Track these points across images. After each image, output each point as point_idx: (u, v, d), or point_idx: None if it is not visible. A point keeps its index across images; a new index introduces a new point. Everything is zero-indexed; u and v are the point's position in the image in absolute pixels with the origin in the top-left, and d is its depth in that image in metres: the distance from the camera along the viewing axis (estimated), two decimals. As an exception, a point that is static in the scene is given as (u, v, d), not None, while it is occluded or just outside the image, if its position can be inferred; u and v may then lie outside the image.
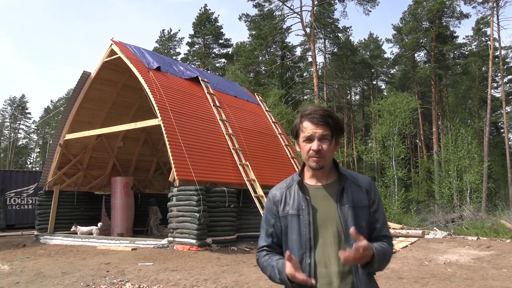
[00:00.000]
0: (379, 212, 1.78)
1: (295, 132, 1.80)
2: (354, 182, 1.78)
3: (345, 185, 1.75)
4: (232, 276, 6.91)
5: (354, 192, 1.75)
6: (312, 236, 1.69)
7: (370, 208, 1.76)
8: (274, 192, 1.87)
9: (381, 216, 1.79)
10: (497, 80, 40.65)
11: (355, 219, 1.69)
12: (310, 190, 1.77)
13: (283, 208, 1.78)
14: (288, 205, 1.77)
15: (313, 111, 1.74)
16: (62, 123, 13.98)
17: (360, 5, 36.36)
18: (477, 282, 6.55)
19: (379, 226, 1.77)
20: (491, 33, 30.36)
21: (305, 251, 1.69)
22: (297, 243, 1.71)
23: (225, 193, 10.78)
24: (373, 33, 60.89)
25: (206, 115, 12.57)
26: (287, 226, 1.75)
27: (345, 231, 1.67)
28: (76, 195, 14.24)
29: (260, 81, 40.44)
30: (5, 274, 7.37)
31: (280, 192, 1.84)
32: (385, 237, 1.77)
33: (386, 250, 1.71)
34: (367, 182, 1.80)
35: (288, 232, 1.74)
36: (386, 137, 27.07)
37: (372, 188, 1.79)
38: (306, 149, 1.74)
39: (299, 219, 1.72)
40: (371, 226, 1.76)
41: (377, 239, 1.75)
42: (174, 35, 48.19)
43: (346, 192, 1.74)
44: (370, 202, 1.76)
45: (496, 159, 35.70)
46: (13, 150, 60.86)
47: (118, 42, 12.94)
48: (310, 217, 1.70)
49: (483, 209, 23.01)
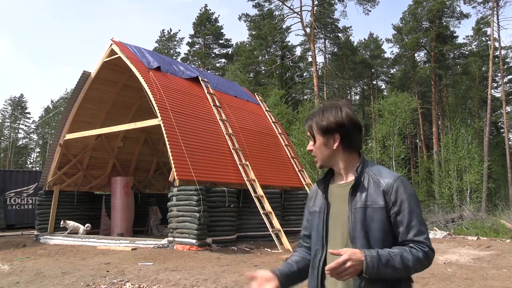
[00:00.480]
0: (402, 214, 1.59)
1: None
2: (375, 180, 1.66)
3: (359, 184, 1.67)
4: (232, 276, 6.91)
5: (371, 191, 1.64)
6: (324, 234, 1.72)
7: (390, 211, 1.61)
8: (312, 189, 1.93)
9: (405, 219, 1.59)
10: (497, 80, 40.66)
11: (364, 221, 1.60)
12: (332, 188, 1.79)
13: (312, 204, 1.85)
14: (316, 202, 1.83)
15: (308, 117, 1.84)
16: (62, 123, 13.98)
17: (360, 5, 36.40)
18: (477, 282, 6.55)
19: (403, 230, 1.60)
20: (491, 33, 30.41)
21: (319, 247, 1.73)
22: (315, 238, 1.77)
23: (225, 193, 10.77)
24: (373, 33, 60.91)
25: (206, 115, 12.57)
26: (313, 221, 1.82)
27: (352, 233, 1.62)
28: (76, 195, 14.24)
29: (260, 81, 40.45)
30: (5, 274, 7.37)
31: (315, 188, 1.89)
32: (413, 242, 1.58)
33: (393, 256, 1.53)
34: (388, 181, 1.64)
35: (312, 227, 1.82)
36: (386, 137, 27.08)
37: (392, 187, 1.62)
38: None
39: (319, 216, 1.77)
40: (395, 230, 1.62)
41: (404, 245, 1.60)
42: (174, 35, 48.25)
43: (360, 192, 1.65)
44: (387, 203, 1.61)
45: (496, 159, 35.72)
46: (13, 150, 60.88)
47: (118, 42, 12.94)
48: (324, 216, 1.73)
49: (483, 209, 23.01)
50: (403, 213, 1.60)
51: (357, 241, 1.60)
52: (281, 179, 13.41)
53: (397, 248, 1.57)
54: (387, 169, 1.78)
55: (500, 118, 42.09)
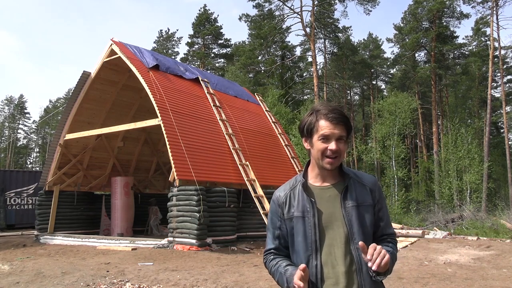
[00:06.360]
0: (383, 210, 1.79)
1: (309, 129, 1.74)
2: (358, 181, 1.77)
3: (349, 185, 1.74)
4: (232, 276, 6.91)
5: (358, 191, 1.74)
6: (317, 238, 1.69)
7: (375, 207, 1.76)
8: (278, 194, 1.84)
9: (385, 215, 1.80)
10: (497, 80, 40.65)
11: (359, 219, 1.69)
12: (314, 191, 1.75)
13: (288, 210, 1.77)
14: (293, 207, 1.75)
15: (331, 110, 1.71)
16: (62, 123, 13.97)
17: (361, 5, 36.34)
18: (477, 282, 6.55)
19: (383, 224, 1.79)
20: (490, 33, 30.38)
21: (311, 253, 1.69)
22: (303, 245, 1.70)
23: (225, 193, 10.77)
24: (372, 33, 60.96)
25: (206, 115, 12.57)
26: (293, 228, 1.74)
27: (350, 231, 1.68)
28: (76, 195, 14.23)
29: (260, 81, 40.44)
30: (5, 274, 7.36)
31: (284, 193, 1.81)
32: (389, 235, 1.80)
33: (394, 252, 1.76)
34: (371, 181, 1.80)
35: (294, 234, 1.74)
36: (386, 137, 27.08)
37: (376, 187, 1.79)
38: (321, 148, 1.69)
39: (304, 221, 1.71)
40: (376, 225, 1.77)
41: (381, 237, 1.78)
42: (172, 35, 48.24)
43: (350, 192, 1.73)
44: (374, 201, 1.76)
45: (496, 159, 35.72)
46: (13, 150, 60.85)
47: (118, 42, 12.93)
48: (315, 219, 1.69)
49: (483, 209, 23.01)
50: (383, 210, 1.80)
51: (356, 237, 1.66)
52: (281, 179, 13.40)
53: (385, 246, 1.71)
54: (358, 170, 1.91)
55: (500, 118, 42.06)
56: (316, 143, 1.71)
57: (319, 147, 1.70)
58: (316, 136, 1.71)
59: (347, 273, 1.65)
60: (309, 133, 1.74)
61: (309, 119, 1.75)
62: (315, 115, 1.73)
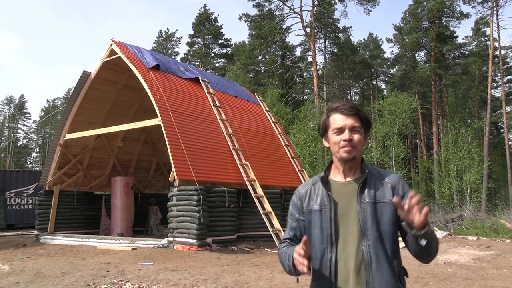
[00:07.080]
0: None
1: (323, 128, 1.80)
2: (378, 178, 1.76)
3: (367, 181, 1.74)
4: (232, 276, 6.91)
5: (378, 188, 1.73)
6: (333, 231, 1.71)
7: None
8: (300, 188, 1.90)
9: None
10: (497, 80, 40.66)
11: (374, 215, 1.68)
12: (334, 186, 1.78)
13: (307, 203, 1.81)
14: (312, 201, 1.79)
15: (342, 104, 1.77)
16: (62, 123, 13.97)
17: (361, 5, 36.39)
18: (477, 282, 6.55)
19: None
20: (490, 33, 30.42)
21: (326, 246, 1.71)
22: (319, 238, 1.74)
23: (225, 193, 10.77)
24: (373, 33, 60.93)
25: (206, 115, 12.56)
26: (310, 221, 1.78)
27: (364, 227, 1.67)
28: (76, 195, 14.23)
29: (260, 81, 40.44)
30: (5, 274, 7.36)
31: (305, 188, 1.86)
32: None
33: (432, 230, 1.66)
34: (394, 178, 1.77)
35: (311, 227, 1.77)
36: (386, 137, 27.08)
37: (400, 183, 1.75)
38: (337, 140, 1.73)
39: (321, 215, 1.74)
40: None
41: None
42: (171, 35, 48.24)
43: (368, 188, 1.73)
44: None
45: (496, 159, 35.72)
46: (13, 150, 60.84)
47: (118, 42, 12.93)
48: (331, 213, 1.72)
49: (483, 209, 23.02)
50: None
51: (369, 234, 1.67)
52: (281, 179, 13.41)
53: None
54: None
55: (500, 118, 42.07)
56: (331, 137, 1.77)
57: (334, 139, 1.75)
58: (330, 131, 1.77)
59: (356, 269, 1.67)
60: (325, 130, 1.80)
61: (323, 118, 1.82)
62: (327, 113, 1.81)
